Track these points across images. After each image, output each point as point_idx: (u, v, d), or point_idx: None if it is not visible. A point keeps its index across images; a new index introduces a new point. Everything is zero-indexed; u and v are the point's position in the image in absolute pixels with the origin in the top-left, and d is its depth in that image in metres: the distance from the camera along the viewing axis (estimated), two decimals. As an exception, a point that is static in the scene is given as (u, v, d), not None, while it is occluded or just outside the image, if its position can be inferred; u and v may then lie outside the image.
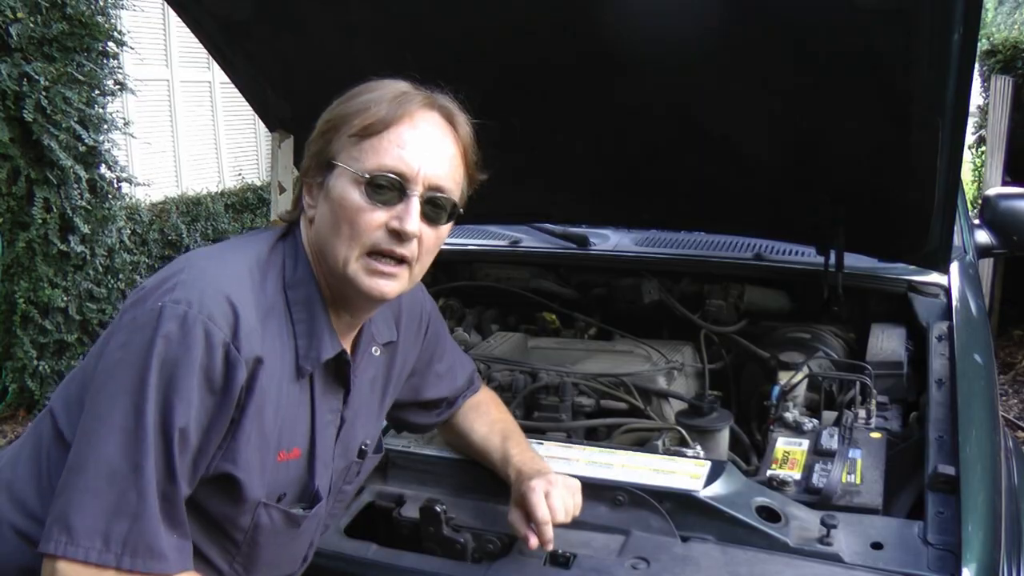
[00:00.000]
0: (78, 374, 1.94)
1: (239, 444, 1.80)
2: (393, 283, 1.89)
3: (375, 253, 1.87)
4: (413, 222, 1.85)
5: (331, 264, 1.89)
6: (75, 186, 6.69)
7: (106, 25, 6.89)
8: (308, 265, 1.94)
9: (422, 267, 1.97)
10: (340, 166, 1.88)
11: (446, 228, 1.97)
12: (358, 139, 1.87)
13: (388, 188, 1.85)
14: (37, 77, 6.26)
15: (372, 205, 1.84)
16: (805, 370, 3.13)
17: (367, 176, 1.84)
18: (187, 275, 1.81)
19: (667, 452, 2.60)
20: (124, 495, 1.66)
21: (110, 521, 1.65)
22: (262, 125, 3.78)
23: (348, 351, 2.03)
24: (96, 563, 1.64)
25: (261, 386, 1.80)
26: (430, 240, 1.93)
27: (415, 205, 1.86)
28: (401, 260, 1.88)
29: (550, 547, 2.12)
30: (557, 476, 2.21)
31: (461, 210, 1.99)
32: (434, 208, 1.90)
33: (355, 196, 1.85)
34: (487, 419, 2.49)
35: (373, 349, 2.12)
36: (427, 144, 1.89)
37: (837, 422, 2.73)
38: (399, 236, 1.86)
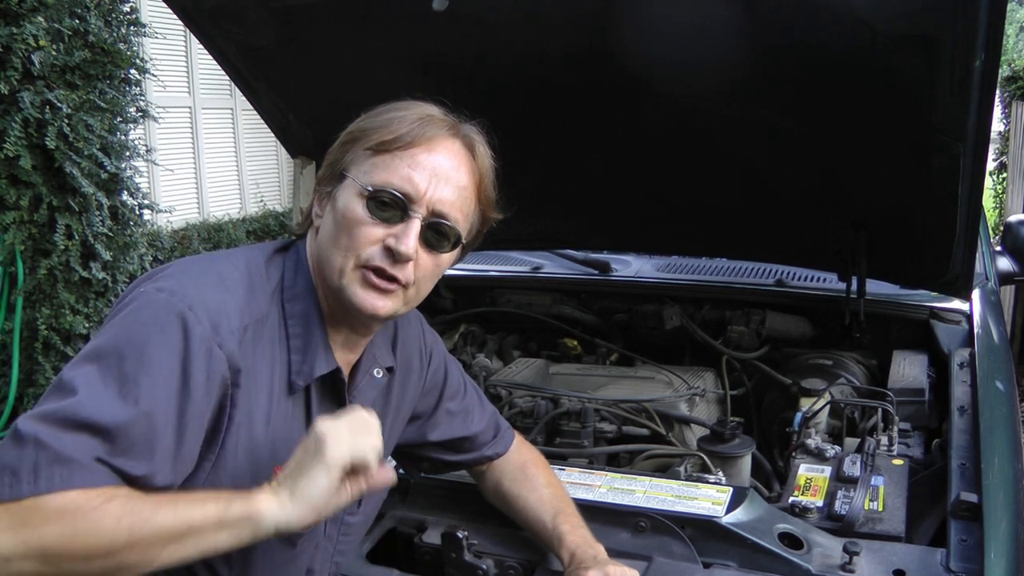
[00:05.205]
0: None
1: (227, 452, 1.78)
2: (386, 300, 1.86)
3: (369, 268, 1.84)
4: (409, 243, 1.82)
5: (328, 275, 1.88)
6: (97, 213, 6.69)
7: (128, 53, 6.91)
8: (308, 278, 1.93)
9: (419, 292, 1.93)
10: (349, 177, 1.87)
11: (447, 257, 1.94)
12: (372, 153, 1.86)
13: (391, 206, 1.83)
14: (59, 105, 6.28)
15: (372, 220, 1.83)
16: (827, 396, 3.12)
17: (370, 190, 1.83)
18: (173, 270, 1.82)
19: (689, 478, 2.59)
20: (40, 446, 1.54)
21: (23, 457, 1.53)
22: (284, 151, 3.79)
23: (345, 370, 2.00)
24: (8, 499, 1.50)
25: (248, 393, 1.79)
26: (428, 266, 1.90)
27: (415, 227, 1.84)
28: (394, 279, 1.85)
29: None
30: (614, 568, 2.06)
31: (465, 242, 1.96)
32: (436, 235, 1.88)
33: (357, 209, 1.84)
34: (535, 483, 2.36)
35: (375, 371, 2.08)
36: (439, 170, 1.87)
37: (859, 449, 2.71)
38: (393, 255, 1.83)
